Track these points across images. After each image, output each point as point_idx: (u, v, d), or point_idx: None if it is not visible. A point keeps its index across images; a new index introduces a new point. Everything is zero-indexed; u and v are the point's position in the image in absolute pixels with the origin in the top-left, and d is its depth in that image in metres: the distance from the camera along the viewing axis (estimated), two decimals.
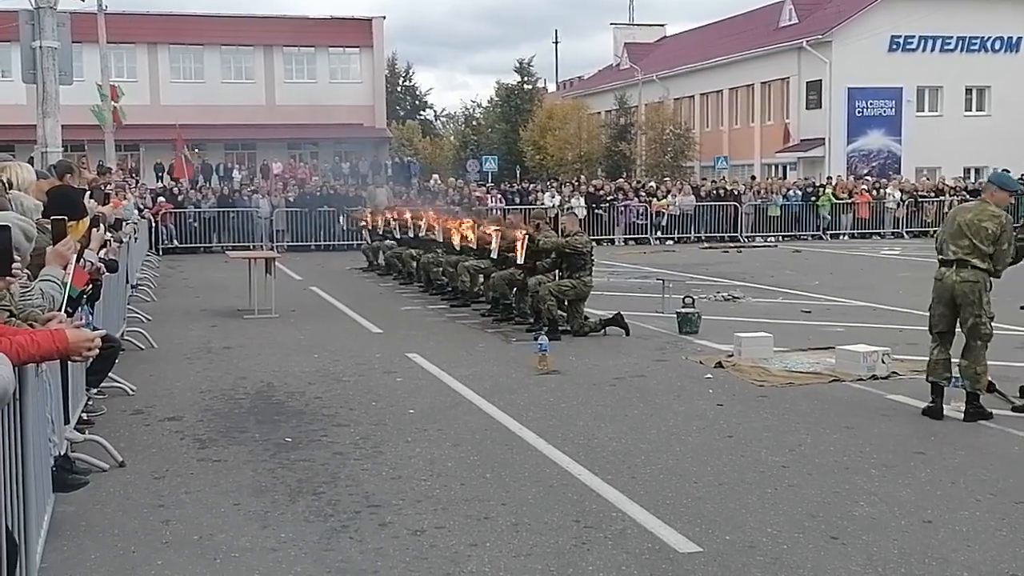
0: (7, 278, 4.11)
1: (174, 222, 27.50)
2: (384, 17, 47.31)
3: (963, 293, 7.53)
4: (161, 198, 27.93)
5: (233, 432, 7.45)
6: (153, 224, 25.59)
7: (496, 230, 13.18)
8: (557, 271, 12.20)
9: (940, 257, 7.74)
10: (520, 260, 12.25)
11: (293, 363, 10.30)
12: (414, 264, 17.65)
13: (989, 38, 40.89)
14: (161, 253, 26.03)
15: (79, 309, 6.13)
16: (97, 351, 4.05)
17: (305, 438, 7.23)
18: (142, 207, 22.62)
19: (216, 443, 7.13)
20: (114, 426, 7.57)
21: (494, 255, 13.15)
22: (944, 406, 7.66)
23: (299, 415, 7.98)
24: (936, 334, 7.75)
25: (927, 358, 7.82)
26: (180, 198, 28.11)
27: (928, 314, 7.85)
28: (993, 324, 7.63)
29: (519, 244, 12.32)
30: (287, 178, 34.40)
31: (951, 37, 40.45)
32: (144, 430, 7.55)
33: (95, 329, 4.87)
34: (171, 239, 27.28)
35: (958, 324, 7.68)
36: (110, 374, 8.26)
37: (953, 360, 7.68)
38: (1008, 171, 8.80)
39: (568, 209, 25.81)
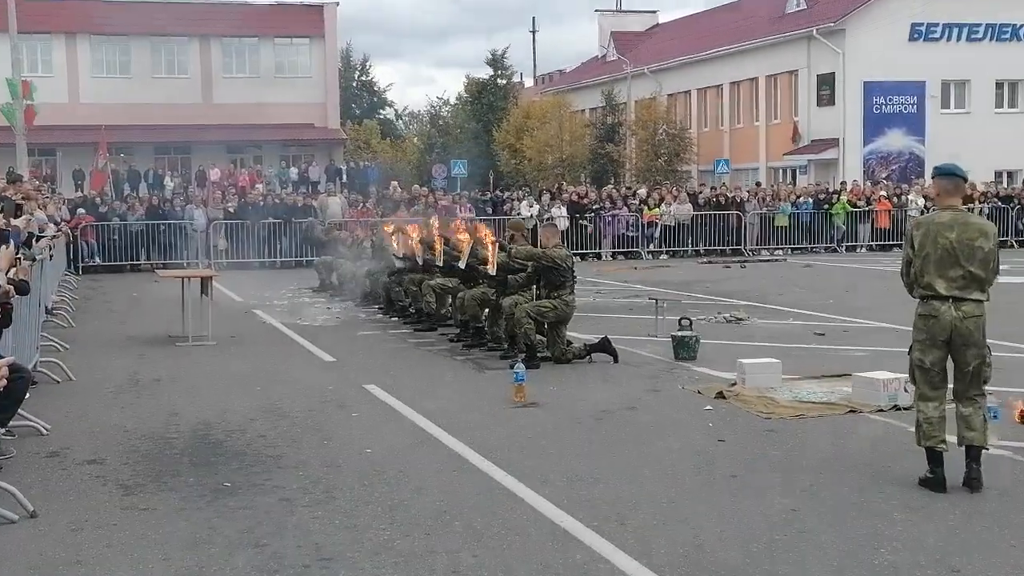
0: None
1: (96, 237, 27.37)
2: (337, 3, 47.48)
3: (968, 332, 6.75)
4: (81, 209, 27.81)
5: (164, 476, 7.40)
6: (72, 239, 25.45)
7: (466, 238, 13.17)
8: (535, 289, 12.22)
9: (924, 292, 6.84)
10: (492, 270, 12.27)
11: (233, 397, 10.26)
12: (367, 283, 17.63)
13: (1022, 26, 41.37)
14: (81, 272, 25.87)
15: None
16: (3, 383, 4.02)
17: (246, 482, 7.19)
18: (59, 220, 22.53)
19: (144, 489, 7.08)
20: (25, 471, 7.49)
21: (462, 264, 13.14)
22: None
23: (240, 456, 7.94)
24: (928, 386, 6.89)
25: (916, 416, 6.99)
26: (103, 209, 27.99)
27: (914, 361, 6.95)
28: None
29: (490, 252, 12.33)
30: (226, 186, 34.33)
31: (979, 25, 40.94)
32: (60, 475, 7.48)
33: (1, 358, 4.84)
34: (92, 256, 27.17)
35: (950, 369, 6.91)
36: (20, 411, 8.18)
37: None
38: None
39: (547, 220, 25.89)
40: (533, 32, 78.72)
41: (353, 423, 9.08)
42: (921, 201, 31.63)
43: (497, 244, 12.41)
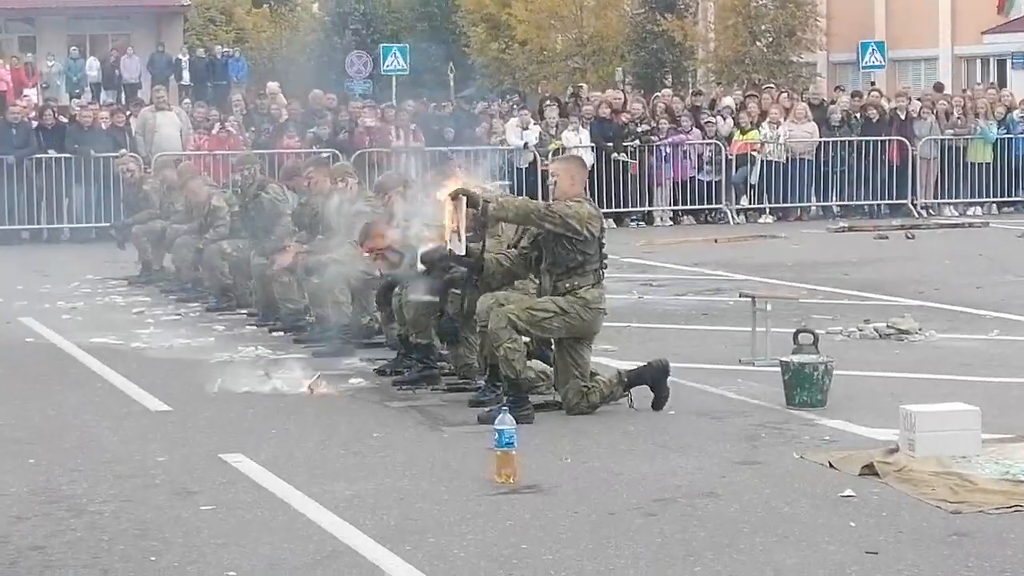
0: None
1: None
2: None
3: None
4: None
5: None
6: None
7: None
8: (532, 276, 12.20)
9: None
10: (458, 247, 12.20)
11: None
12: (226, 267, 17.69)
13: None
14: None
15: None
16: None
17: None
18: None
19: None
20: None
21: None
22: None
23: None
24: None
25: None
26: None
27: None
28: None
29: (448, 212, 12.25)
30: None
31: None
32: None
33: None
34: None
35: None
36: None
37: None
38: None
39: (559, 151, 25.89)
40: None
41: (203, 522, 9.06)
42: None
43: (462, 196, 12.33)
